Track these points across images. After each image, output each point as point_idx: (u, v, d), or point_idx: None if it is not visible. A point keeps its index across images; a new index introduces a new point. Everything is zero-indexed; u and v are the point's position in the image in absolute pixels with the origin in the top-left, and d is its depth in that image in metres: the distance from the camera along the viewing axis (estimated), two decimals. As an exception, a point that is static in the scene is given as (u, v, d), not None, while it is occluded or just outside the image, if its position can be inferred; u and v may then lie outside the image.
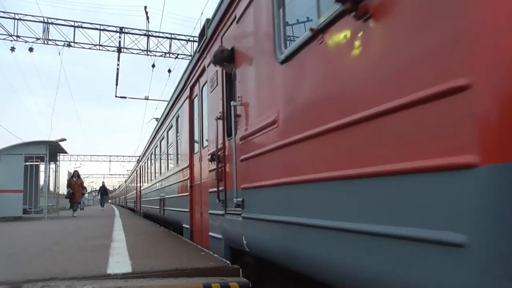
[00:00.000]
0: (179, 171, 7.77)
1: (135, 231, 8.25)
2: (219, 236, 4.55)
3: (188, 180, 6.59)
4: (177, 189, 7.93)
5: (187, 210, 6.60)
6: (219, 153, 4.51)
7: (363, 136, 1.97)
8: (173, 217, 8.43)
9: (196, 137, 6.35)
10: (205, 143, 5.58)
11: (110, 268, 3.72)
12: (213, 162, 4.71)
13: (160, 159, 11.77)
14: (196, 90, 6.34)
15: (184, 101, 7.23)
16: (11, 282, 3.13)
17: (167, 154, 10.06)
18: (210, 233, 4.97)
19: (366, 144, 1.95)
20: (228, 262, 4.13)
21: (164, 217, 10.04)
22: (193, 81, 6.47)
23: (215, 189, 4.56)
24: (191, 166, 6.56)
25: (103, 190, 31.22)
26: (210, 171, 4.99)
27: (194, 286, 3.37)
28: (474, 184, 1.34)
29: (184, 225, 7.08)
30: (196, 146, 6.32)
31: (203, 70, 5.66)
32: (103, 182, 32.94)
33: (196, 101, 6.41)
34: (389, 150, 1.78)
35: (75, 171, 18.33)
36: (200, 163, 5.91)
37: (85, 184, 28.57)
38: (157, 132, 12.85)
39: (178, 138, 8.11)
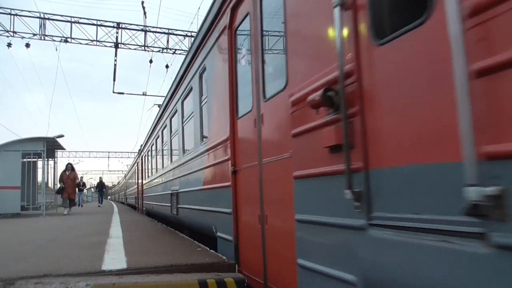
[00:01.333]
0: (207, 150, 5.21)
1: (132, 228, 8.23)
2: (343, 275, 2.12)
3: (229, 162, 4.21)
4: (204, 178, 5.42)
5: (228, 210, 4.21)
6: (346, 83, 2.09)
7: None
8: (196, 220, 5.90)
9: (245, 90, 3.95)
10: (277, 86, 3.12)
11: (105, 264, 3.71)
12: (319, 111, 2.34)
13: (171, 142, 8.93)
14: (246, 6, 3.86)
15: (217, 38, 4.77)
16: (5, 279, 3.11)
17: (183, 132, 7.32)
18: (300, 261, 2.58)
19: None
20: (224, 257, 4.12)
21: (177, 218, 7.52)
22: None
23: (322, 169, 2.33)
24: (233, 138, 4.20)
25: (101, 186, 29.45)
26: (298, 134, 2.64)
27: (189, 282, 3.36)
28: None
29: (219, 234, 4.61)
30: (245, 103, 3.93)
31: None
32: (100, 178, 31.01)
33: (244, 27, 4.02)
34: None
35: (68, 163, 16.39)
36: (256, 129, 3.54)
37: (83, 180, 27.60)
38: (165, 109, 9.84)
39: (204, 102, 5.55)
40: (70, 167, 15.86)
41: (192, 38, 19.99)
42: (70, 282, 3.10)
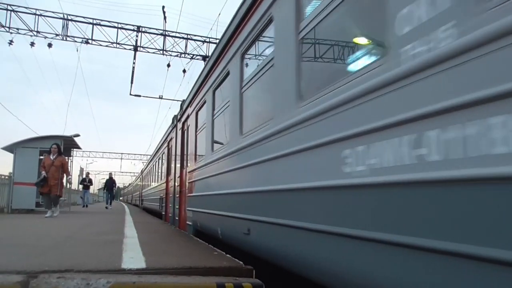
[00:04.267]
0: None
1: (146, 229, 8.28)
2: None
3: None
4: None
5: None
6: None
7: None
8: None
9: None
10: None
11: (125, 263, 3.74)
12: None
13: None
14: None
15: None
16: (28, 271, 3.15)
17: None
18: None
19: None
20: (241, 262, 4.12)
21: None
22: None
23: None
24: None
25: (111, 184, 23.94)
26: None
27: (207, 285, 3.36)
28: None
29: None
30: None
31: None
32: (110, 174, 25.24)
33: None
34: None
35: (54, 144, 12.16)
36: None
37: (90, 176, 24.23)
38: None
39: None
40: (55, 150, 11.84)
41: (211, 45, 20.19)
42: (92, 279, 3.12)
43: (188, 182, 7.96)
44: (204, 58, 20.35)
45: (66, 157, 18.09)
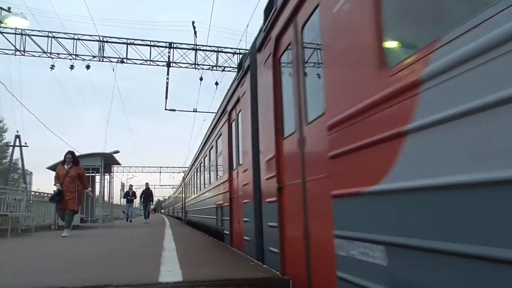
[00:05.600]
0: None
1: (184, 241, 8.36)
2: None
3: None
4: None
5: None
6: None
7: None
8: None
9: None
10: None
11: (162, 276, 3.76)
12: None
13: None
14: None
15: None
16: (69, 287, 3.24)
17: None
18: None
19: None
20: (277, 273, 4.05)
21: None
22: None
23: None
24: None
25: (148, 195, 22.08)
26: None
27: (243, 297, 3.32)
28: None
29: None
30: None
31: None
32: (146, 184, 23.01)
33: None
34: None
35: (68, 152, 10.53)
36: None
37: (133, 189, 22.82)
38: None
39: None
40: (70, 159, 10.30)
41: (240, 55, 20.41)
42: (129, 293, 3.16)
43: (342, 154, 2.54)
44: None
45: (108, 174, 18.77)
